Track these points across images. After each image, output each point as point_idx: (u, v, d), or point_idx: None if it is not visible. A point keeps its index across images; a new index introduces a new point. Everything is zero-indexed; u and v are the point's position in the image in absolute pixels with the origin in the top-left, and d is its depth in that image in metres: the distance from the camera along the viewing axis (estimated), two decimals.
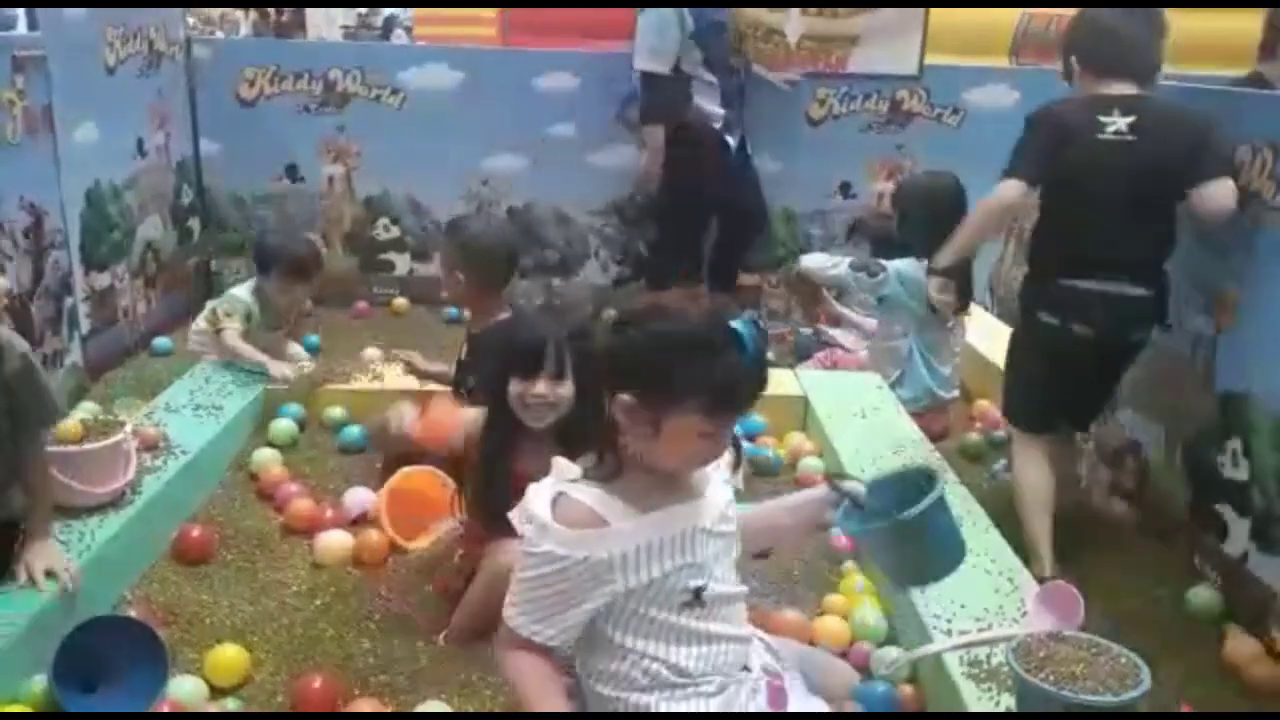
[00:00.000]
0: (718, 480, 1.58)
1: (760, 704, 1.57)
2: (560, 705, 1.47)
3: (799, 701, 1.62)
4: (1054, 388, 2.49)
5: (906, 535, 1.55)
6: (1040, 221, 2.52)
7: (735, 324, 1.39)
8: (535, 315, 2.11)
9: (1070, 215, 2.41)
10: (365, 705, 1.76)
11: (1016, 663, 1.53)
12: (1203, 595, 2.20)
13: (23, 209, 3.08)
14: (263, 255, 3.28)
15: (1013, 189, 2.43)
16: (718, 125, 4.09)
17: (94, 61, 3.65)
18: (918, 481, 1.63)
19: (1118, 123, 2.33)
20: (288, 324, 3.38)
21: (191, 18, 6.03)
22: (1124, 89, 2.38)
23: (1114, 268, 2.35)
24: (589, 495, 1.44)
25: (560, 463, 1.50)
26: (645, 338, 1.40)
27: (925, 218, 3.24)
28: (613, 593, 1.44)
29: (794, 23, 4.41)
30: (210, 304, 3.31)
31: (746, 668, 1.58)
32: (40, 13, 3.33)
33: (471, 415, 2.11)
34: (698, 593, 1.49)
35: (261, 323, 3.22)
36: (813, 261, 3.53)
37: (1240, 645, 2.10)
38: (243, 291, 3.26)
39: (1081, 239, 2.38)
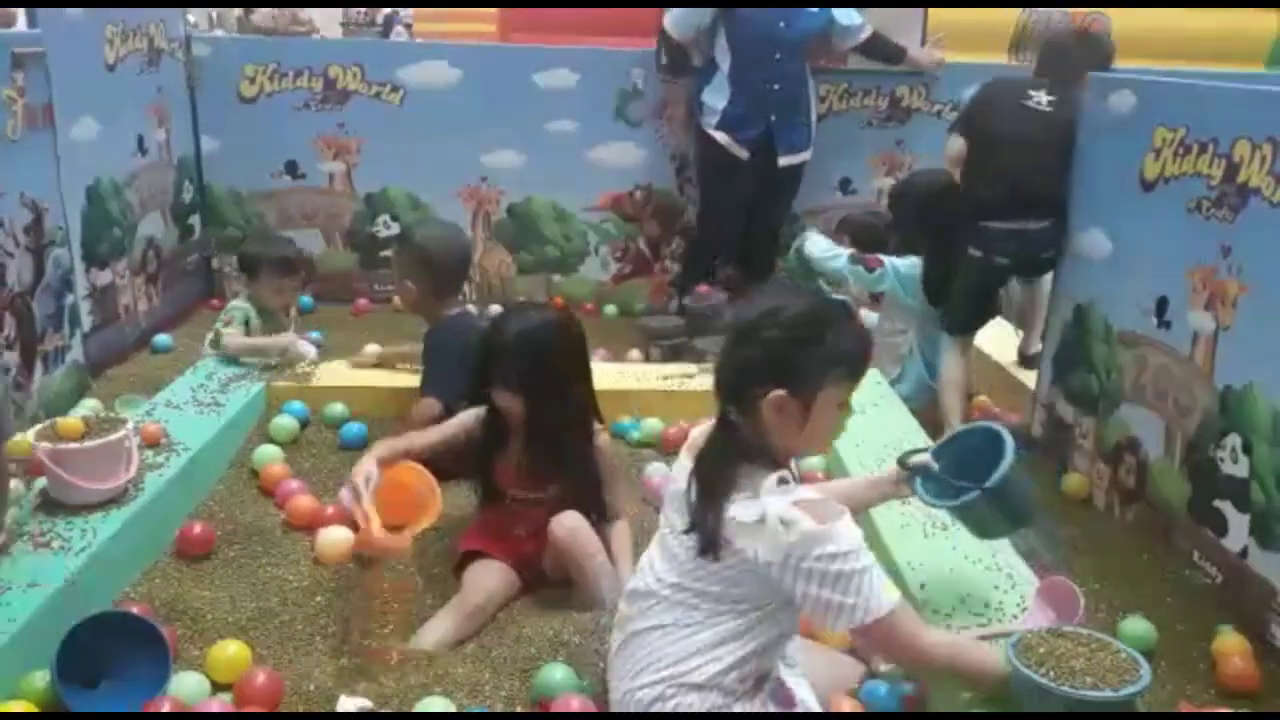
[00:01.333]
0: None
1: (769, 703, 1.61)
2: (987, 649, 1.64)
3: (804, 705, 1.64)
4: (984, 301, 3.27)
5: (995, 496, 1.74)
6: (967, 172, 3.14)
7: (837, 297, 1.53)
8: (495, 324, 2.20)
9: (992, 165, 3.04)
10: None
11: (1016, 658, 1.54)
12: (1137, 626, 2.14)
13: (24, 206, 3.08)
14: (247, 263, 3.27)
15: (954, 143, 3.21)
16: (712, 121, 4.10)
17: (94, 58, 3.66)
18: (978, 439, 1.84)
19: (1040, 97, 3.02)
20: (286, 324, 3.37)
21: (192, 15, 6.02)
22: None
23: (1023, 209, 3.01)
24: (810, 491, 1.56)
25: (765, 483, 1.52)
26: (784, 331, 1.52)
27: (918, 215, 3.25)
28: None
29: None
30: (212, 330, 3.30)
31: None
32: (40, 10, 3.33)
33: (470, 415, 2.26)
34: None
35: (262, 329, 3.22)
36: (815, 248, 3.50)
37: (1224, 643, 2.10)
38: (238, 302, 3.27)
39: (998, 187, 3.01)
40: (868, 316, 3.73)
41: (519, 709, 1.81)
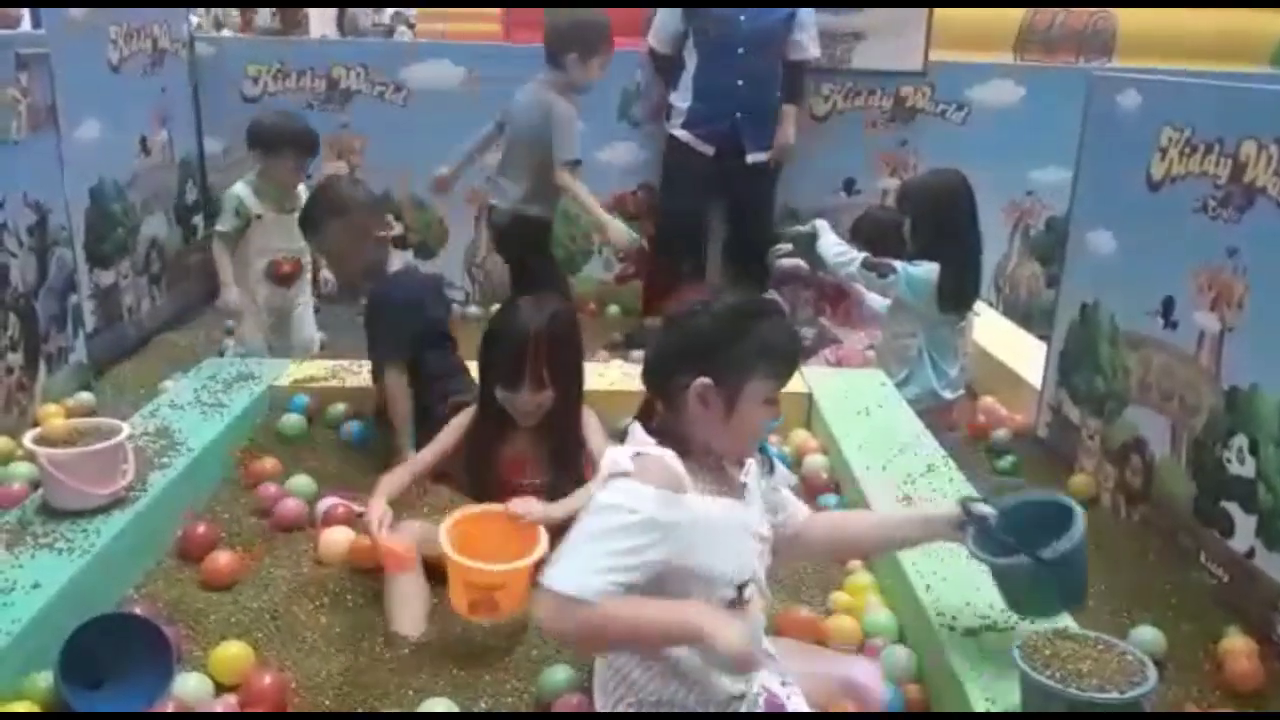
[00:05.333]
0: (755, 487, 1.64)
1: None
2: (659, 607, 1.44)
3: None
4: None
5: (1045, 570, 1.65)
6: None
7: (772, 298, 1.59)
8: (512, 323, 2.14)
9: None
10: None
11: (1022, 660, 1.53)
12: (1147, 634, 2.10)
13: (27, 206, 3.08)
14: (267, 137, 3.32)
15: None
16: (677, 121, 4.10)
17: (98, 59, 3.66)
18: (1047, 511, 1.74)
19: None
20: (296, 201, 3.36)
21: (195, 17, 6.03)
22: None
23: None
24: (671, 458, 1.49)
25: (636, 429, 1.55)
26: (713, 319, 1.51)
27: (932, 217, 3.22)
28: (662, 559, 1.44)
29: None
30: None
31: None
32: (44, 10, 3.33)
33: (463, 419, 2.24)
34: (741, 589, 1.53)
35: (268, 207, 3.33)
36: (826, 250, 3.47)
37: (1231, 644, 2.09)
38: (238, 187, 3.34)
39: None
40: (878, 304, 3.68)
41: (522, 710, 1.80)
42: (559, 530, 2.11)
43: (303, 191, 3.41)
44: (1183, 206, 2.50)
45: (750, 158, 4.13)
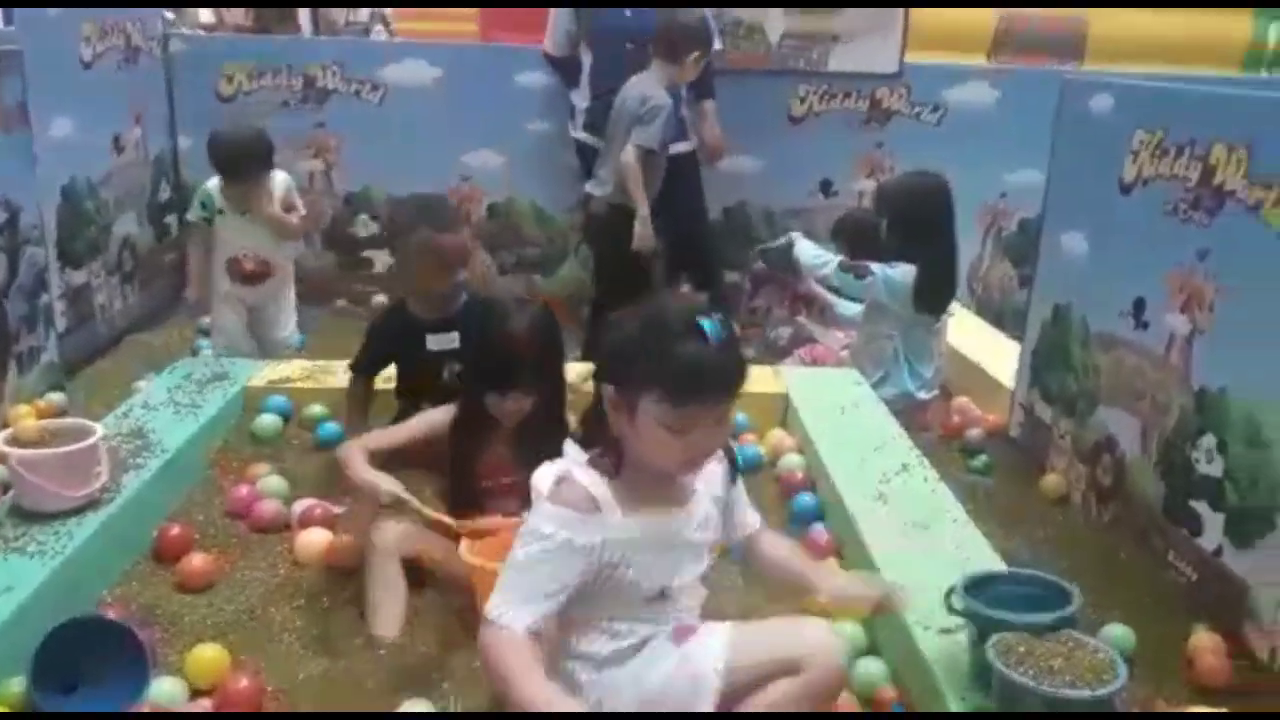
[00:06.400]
0: (707, 495, 1.60)
1: (666, 644, 1.56)
2: (543, 685, 1.41)
3: (705, 636, 1.57)
4: None
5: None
6: None
7: (700, 318, 1.42)
8: (502, 327, 2.09)
9: None
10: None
11: (995, 658, 1.55)
12: (1117, 631, 2.11)
13: None
14: (220, 159, 3.30)
15: None
16: (579, 123, 4.08)
17: (70, 56, 3.63)
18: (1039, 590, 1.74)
19: None
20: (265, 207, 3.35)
21: (169, 13, 5.97)
22: None
23: None
24: (590, 480, 1.49)
25: (571, 446, 1.56)
26: (614, 328, 1.49)
27: (911, 218, 3.24)
28: (583, 577, 1.48)
29: (774, 20, 4.42)
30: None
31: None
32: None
33: (439, 415, 2.19)
34: (663, 591, 1.54)
35: (229, 206, 3.32)
36: (804, 255, 3.49)
37: (1200, 641, 2.12)
38: (211, 182, 3.37)
39: None
40: (850, 311, 3.70)
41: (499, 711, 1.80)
42: None
43: (278, 186, 3.38)
44: (1154, 209, 2.53)
45: None
